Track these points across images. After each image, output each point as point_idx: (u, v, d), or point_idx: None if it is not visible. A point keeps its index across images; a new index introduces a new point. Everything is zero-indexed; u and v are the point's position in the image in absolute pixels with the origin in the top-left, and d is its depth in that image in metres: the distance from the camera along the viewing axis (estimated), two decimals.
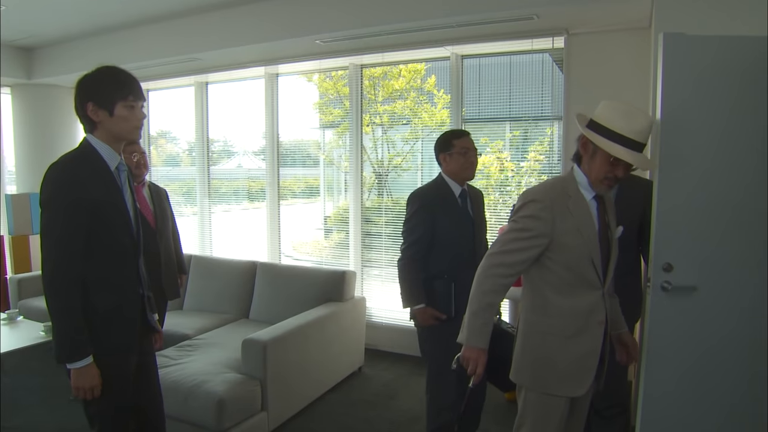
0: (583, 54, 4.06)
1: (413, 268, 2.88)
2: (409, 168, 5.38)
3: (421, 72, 5.27)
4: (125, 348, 2.12)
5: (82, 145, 2.07)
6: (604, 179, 1.95)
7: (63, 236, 1.94)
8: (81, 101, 2.03)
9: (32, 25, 5.38)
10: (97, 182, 2.01)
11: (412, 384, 4.30)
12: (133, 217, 2.16)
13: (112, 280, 2.08)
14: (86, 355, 1.96)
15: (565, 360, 1.98)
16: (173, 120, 6.65)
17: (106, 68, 2.07)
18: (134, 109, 2.06)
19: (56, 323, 1.95)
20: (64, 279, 1.93)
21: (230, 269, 4.95)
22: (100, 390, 2.01)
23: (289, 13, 4.53)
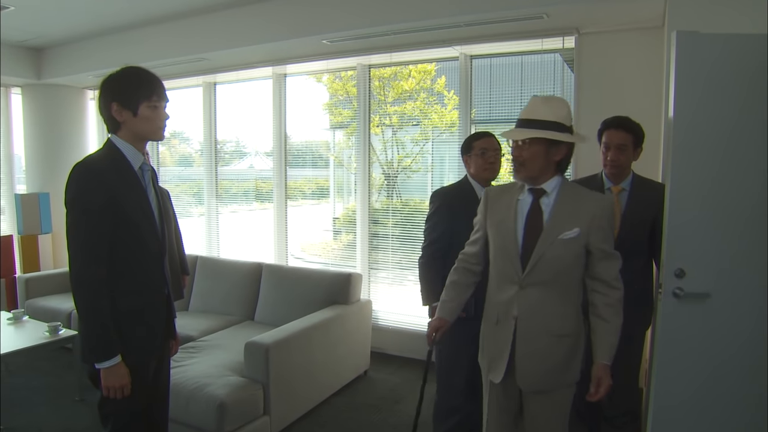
0: (594, 54, 3.98)
1: (433, 266, 2.85)
2: (419, 169, 5.33)
3: (431, 73, 5.22)
4: (148, 351, 2.13)
5: (107, 146, 2.08)
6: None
7: (89, 237, 1.95)
8: (105, 101, 2.04)
9: (41, 25, 5.39)
10: (121, 182, 2.02)
11: (418, 388, 4.22)
12: (158, 217, 2.16)
13: (138, 280, 2.08)
14: (114, 354, 1.98)
15: (490, 345, 2.17)
16: (186, 121, 6.63)
17: (131, 68, 2.08)
18: (158, 110, 2.08)
19: (84, 323, 1.97)
20: (91, 279, 1.94)
21: (236, 271, 4.92)
22: (131, 389, 2.02)
23: (295, 12, 4.50)
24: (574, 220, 1.97)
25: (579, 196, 2.03)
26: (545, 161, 1.98)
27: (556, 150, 1.97)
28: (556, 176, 2.03)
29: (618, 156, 2.69)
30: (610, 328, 1.99)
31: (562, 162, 2.02)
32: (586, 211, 1.97)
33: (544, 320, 2.02)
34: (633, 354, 2.78)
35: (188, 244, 5.95)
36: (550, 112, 1.95)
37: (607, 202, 2.03)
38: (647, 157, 3.00)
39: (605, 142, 2.73)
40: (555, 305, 2.01)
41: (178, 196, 6.70)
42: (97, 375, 2.00)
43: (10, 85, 6.49)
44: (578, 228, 1.96)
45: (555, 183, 2.02)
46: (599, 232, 1.97)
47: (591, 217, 1.96)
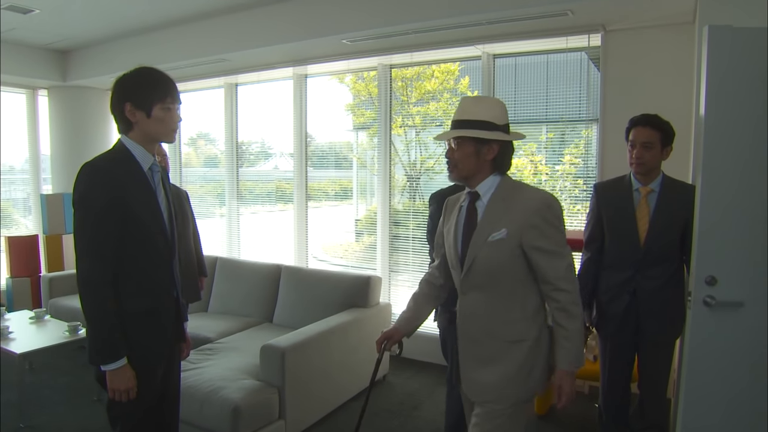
0: (621, 52, 3.86)
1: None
2: (442, 171, 5.25)
3: (454, 73, 5.15)
4: (156, 354, 2.11)
5: (116, 146, 2.07)
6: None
7: (95, 237, 1.93)
8: (119, 101, 2.02)
9: (66, 28, 5.47)
10: (130, 183, 2.00)
11: (437, 394, 4.16)
12: (167, 218, 2.14)
13: (145, 282, 2.06)
14: (120, 356, 1.96)
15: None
16: (211, 122, 6.66)
17: (145, 69, 2.07)
18: (171, 112, 2.06)
19: (90, 324, 1.96)
20: (97, 279, 1.92)
21: (255, 272, 4.90)
22: (136, 392, 2.00)
23: (315, 12, 4.46)
24: (503, 220, 1.90)
25: (514, 195, 1.94)
26: (477, 161, 1.94)
27: (488, 149, 1.92)
28: (491, 176, 1.97)
29: (643, 153, 2.58)
30: (566, 333, 1.86)
31: (497, 161, 1.95)
32: (517, 209, 1.89)
33: (486, 326, 1.95)
34: (661, 363, 2.67)
35: (210, 245, 6.00)
36: (479, 112, 1.93)
37: (540, 199, 1.90)
38: (678, 158, 2.89)
39: (631, 140, 2.63)
40: (498, 310, 1.93)
41: (202, 197, 6.74)
42: (104, 377, 1.98)
43: (37, 87, 6.61)
44: (505, 228, 1.89)
45: (490, 183, 1.97)
46: (532, 230, 1.86)
47: (522, 216, 1.88)
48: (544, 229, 1.86)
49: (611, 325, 2.71)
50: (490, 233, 1.90)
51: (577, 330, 1.86)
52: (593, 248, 2.80)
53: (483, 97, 2.06)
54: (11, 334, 3.98)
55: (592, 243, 2.80)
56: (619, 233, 2.68)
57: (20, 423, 3.60)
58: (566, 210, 4.39)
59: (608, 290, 2.71)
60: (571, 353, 1.85)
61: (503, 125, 1.95)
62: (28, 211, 6.98)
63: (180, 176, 6.62)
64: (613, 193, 2.73)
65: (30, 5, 4.72)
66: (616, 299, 2.67)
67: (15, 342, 3.85)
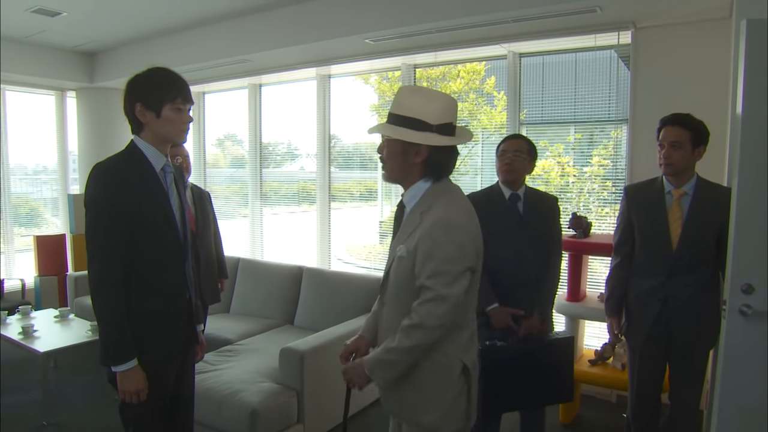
0: (652, 49, 3.72)
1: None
2: (467, 172, 5.17)
3: (480, 73, 5.07)
4: (167, 356, 2.09)
5: (128, 147, 2.06)
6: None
7: (106, 238, 1.92)
8: (130, 101, 2.02)
9: (93, 30, 5.54)
10: (141, 184, 1.99)
11: None
12: (179, 219, 2.12)
13: (157, 284, 2.04)
14: (131, 357, 1.94)
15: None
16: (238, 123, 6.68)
17: (157, 69, 2.06)
18: (181, 112, 2.03)
19: (101, 325, 1.95)
20: (108, 280, 1.91)
21: (276, 273, 4.87)
22: (146, 394, 1.99)
23: (336, 12, 4.43)
24: (410, 236, 1.73)
25: (431, 208, 1.72)
26: (403, 162, 1.75)
27: (415, 151, 1.72)
28: (420, 182, 1.78)
29: (671, 153, 2.46)
30: (391, 345, 1.71)
31: (427, 165, 1.75)
32: (422, 226, 1.70)
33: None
34: (693, 375, 2.55)
35: (234, 246, 6.02)
36: (411, 106, 1.71)
37: (434, 222, 1.68)
38: (713, 160, 2.77)
39: (660, 140, 2.53)
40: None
41: (228, 197, 6.76)
42: (115, 378, 1.97)
43: (66, 88, 6.73)
44: (405, 246, 1.73)
45: (416, 191, 1.78)
46: (419, 255, 1.68)
47: (419, 236, 1.69)
48: (430, 250, 1.66)
49: (641, 333, 2.60)
50: (397, 247, 1.77)
51: (398, 350, 1.69)
52: (623, 253, 2.69)
53: (422, 89, 1.83)
54: (36, 332, 4.03)
55: (622, 248, 2.70)
56: (650, 238, 2.57)
57: (43, 421, 3.63)
58: (594, 213, 4.27)
59: (638, 297, 2.60)
60: (376, 360, 1.75)
61: (439, 125, 1.70)
62: (58, 210, 7.11)
63: (204, 177, 6.66)
64: (644, 195, 2.62)
65: (58, 8, 4.79)
66: (646, 307, 2.56)
67: (39, 340, 3.90)
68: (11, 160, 6.59)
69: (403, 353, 1.70)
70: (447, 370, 1.77)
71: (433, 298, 1.65)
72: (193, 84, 6.11)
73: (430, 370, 1.75)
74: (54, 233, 6.48)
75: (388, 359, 1.72)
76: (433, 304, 1.65)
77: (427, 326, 1.66)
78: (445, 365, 1.77)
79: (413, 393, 1.78)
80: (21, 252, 6.73)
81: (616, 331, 2.74)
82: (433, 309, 1.65)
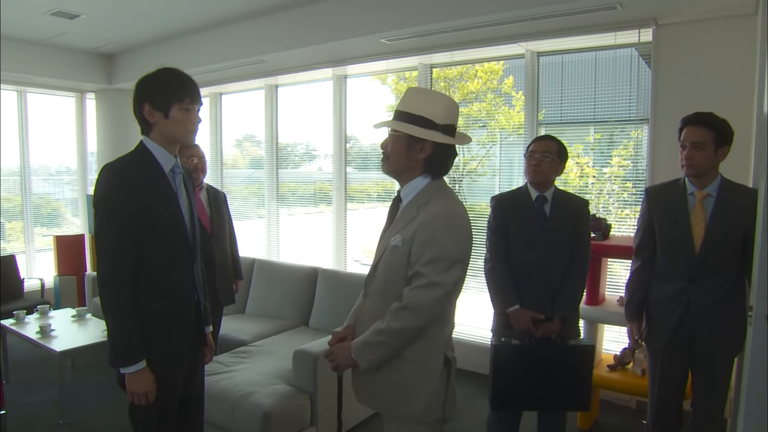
0: (674, 47, 3.63)
1: (502, 269, 2.74)
2: (485, 173, 5.11)
3: (498, 73, 5.01)
4: (175, 358, 2.08)
5: (137, 147, 2.05)
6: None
7: (115, 238, 1.91)
8: (138, 102, 2.02)
9: (111, 32, 5.60)
10: (149, 184, 1.98)
11: (477, 405, 4.02)
12: (189, 221, 2.11)
13: (164, 284, 2.03)
14: (139, 359, 1.94)
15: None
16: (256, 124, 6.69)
17: (165, 70, 2.05)
18: (189, 113, 2.03)
19: (110, 326, 1.94)
20: (117, 281, 1.90)
21: (292, 274, 4.85)
22: (155, 396, 1.98)
23: (350, 12, 4.40)
24: (407, 226, 1.79)
25: (429, 202, 1.79)
26: (407, 158, 1.81)
27: (420, 147, 1.79)
28: (420, 177, 1.84)
29: (693, 154, 2.38)
30: (380, 327, 1.76)
31: (430, 162, 1.82)
32: (419, 218, 1.77)
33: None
34: (717, 383, 2.46)
35: (251, 246, 6.03)
36: (419, 106, 1.79)
37: (436, 213, 1.75)
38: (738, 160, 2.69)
39: (681, 140, 2.44)
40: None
41: (245, 198, 6.77)
42: (124, 379, 1.96)
43: (85, 90, 6.80)
44: (401, 235, 1.79)
45: (415, 185, 1.85)
46: (416, 245, 1.74)
47: (418, 225, 1.76)
48: (424, 247, 1.72)
49: (662, 339, 2.52)
50: (392, 238, 1.82)
51: (386, 331, 1.74)
52: (643, 256, 2.62)
53: (429, 91, 1.94)
54: (53, 331, 4.07)
55: (643, 251, 2.62)
56: (671, 240, 2.49)
57: (60, 419, 3.66)
58: (614, 215, 4.18)
59: (659, 302, 2.53)
60: (363, 342, 1.79)
61: (444, 125, 1.79)
62: (78, 211, 7.19)
63: (221, 178, 6.68)
64: (665, 197, 2.55)
65: (76, 10, 4.84)
66: (668, 312, 2.48)
67: (56, 340, 3.94)
68: (35, 161, 6.71)
69: (392, 335, 1.74)
70: (431, 361, 1.82)
71: (426, 285, 1.71)
72: (211, 85, 6.15)
73: (414, 360, 1.79)
74: (73, 233, 6.55)
75: (377, 340, 1.76)
76: (424, 289, 1.71)
77: (417, 310, 1.71)
78: (429, 356, 1.81)
79: (397, 383, 1.81)
80: (42, 251, 6.83)
81: (636, 337, 2.67)
82: (424, 294, 1.71)
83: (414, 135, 1.77)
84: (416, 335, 1.77)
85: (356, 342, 1.82)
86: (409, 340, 1.77)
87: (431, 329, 1.79)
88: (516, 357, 2.60)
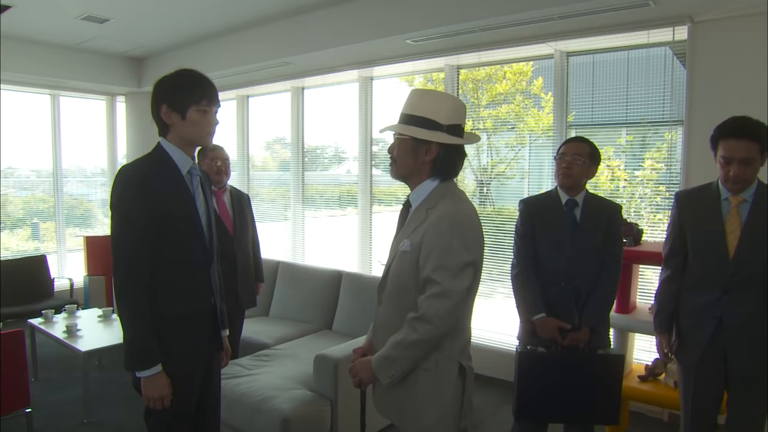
0: (710, 45, 3.48)
1: (528, 275, 2.67)
2: (514, 176, 5.02)
3: (527, 74, 4.91)
4: (190, 362, 2.06)
5: (155, 149, 2.04)
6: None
7: (132, 241, 1.90)
8: (156, 103, 2.01)
9: (140, 36, 5.68)
10: (166, 187, 1.97)
11: (501, 413, 3.92)
12: (205, 223, 2.09)
13: (181, 287, 2.01)
14: (155, 363, 1.92)
15: None
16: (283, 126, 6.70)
17: (184, 71, 2.04)
18: (207, 114, 2.01)
19: (126, 329, 1.92)
20: (133, 284, 1.89)
21: (315, 278, 4.83)
22: (170, 401, 1.96)
23: (375, 12, 4.36)
24: (415, 231, 1.75)
25: (437, 205, 1.75)
26: (413, 160, 1.78)
27: (426, 149, 1.76)
28: (428, 180, 1.80)
29: (744, 172, 2.21)
30: (398, 338, 1.71)
31: (436, 164, 1.78)
32: (429, 221, 1.72)
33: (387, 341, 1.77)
34: (754, 401, 2.31)
35: (276, 249, 6.03)
36: (422, 106, 1.76)
37: (442, 215, 1.70)
38: None
39: (724, 156, 2.24)
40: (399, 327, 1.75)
41: (273, 200, 6.78)
42: (140, 383, 1.94)
43: (115, 93, 6.91)
44: (409, 240, 1.75)
45: (423, 189, 1.81)
46: (424, 249, 1.70)
47: (425, 229, 1.72)
48: (435, 250, 1.68)
49: (694, 354, 2.37)
50: (401, 242, 1.79)
51: (404, 343, 1.69)
52: (674, 265, 2.48)
53: (432, 91, 1.88)
54: (79, 331, 4.12)
55: (673, 259, 2.48)
56: (704, 248, 2.35)
57: (84, 418, 3.70)
58: (646, 219, 4.04)
59: (691, 314, 2.39)
60: (383, 357, 1.73)
61: (449, 125, 1.76)
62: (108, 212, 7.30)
63: (248, 180, 6.70)
64: (697, 202, 2.40)
65: (106, 15, 4.91)
66: (700, 325, 2.34)
67: (82, 339, 3.99)
68: (72, 163, 6.86)
69: (410, 347, 1.69)
70: (446, 371, 1.76)
71: (439, 294, 1.66)
72: (238, 87, 6.18)
73: (427, 369, 1.74)
74: (103, 234, 6.65)
75: (396, 355, 1.71)
76: (438, 300, 1.66)
77: (433, 320, 1.66)
78: (444, 366, 1.76)
79: (411, 394, 1.76)
80: (73, 252, 6.95)
81: (666, 350, 2.53)
82: (439, 303, 1.66)
83: (417, 137, 1.73)
84: (435, 345, 1.72)
85: (376, 357, 1.77)
86: (428, 351, 1.72)
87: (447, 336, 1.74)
88: (541, 366, 2.52)
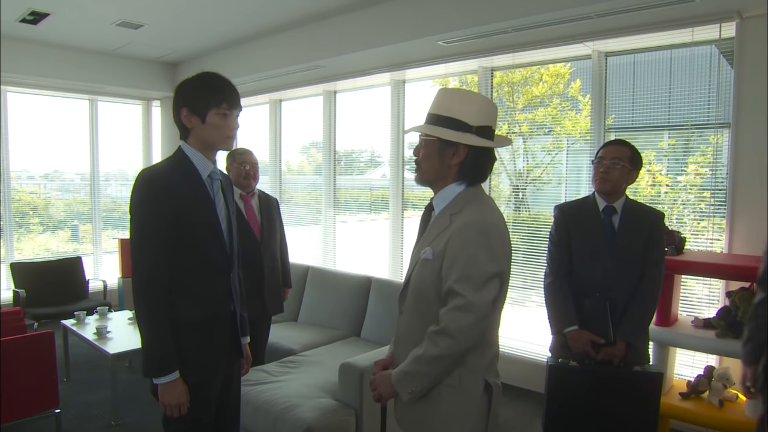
0: (761, 43, 3.28)
1: (561, 286, 2.56)
2: (550, 181, 4.86)
3: (564, 76, 4.76)
4: (209, 369, 2.02)
5: (175, 153, 2.02)
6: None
7: (151, 246, 1.87)
8: (177, 106, 1.98)
9: (173, 41, 5.77)
10: (186, 192, 1.94)
11: (532, 426, 3.78)
12: (226, 228, 2.05)
13: (200, 293, 1.98)
14: (173, 369, 1.89)
15: None
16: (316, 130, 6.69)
17: (205, 74, 2.01)
18: (227, 118, 1.97)
19: (144, 335, 1.89)
20: (152, 289, 1.86)
21: (345, 283, 4.76)
22: (188, 408, 1.93)
23: (405, 14, 4.29)
24: (437, 237, 1.65)
25: (462, 211, 1.64)
26: (440, 163, 1.68)
27: (453, 152, 1.66)
28: (453, 184, 1.70)
29: None
30: (419, 352, 1.60)
31: (464, 168, 1.67)
32: (453, 228, 1.62)
33: (408, 354, 1.65)
34: None
35: (307, 253, 6.00)
36: (450, 107, 1.66)
37: (467, 223, 1.59)
38: None
39: None
40: (421, 339, 1.63)
41: (308, 204, 6.76)
42: (157, 390, 1.91)
43: (151, 98, 7.03)
44: (431, 248, 1.65)
45: (448, 193, 1.70)
46: (447, 258, 1.59)
47: (449, 236, 1.61)
48: (459, 260, 1.57)
49: None
50: (422, 250, 1.68)
51: (425, 358, 1.58)
52: None
53: (461, 91, 1.76)
54: (109, 333, 4.15)
55: None
56: None
57: (112, 420, 3.71)
58: (689, 227, 3.84)
59: None
60: (402, 372, 1.63)
61: (479, 127, 1.65)
62: None
63: (280, 184, 6.70)
64: None
65: (140, 20, 4.98)
66: None
67: (111, 342, 4.02)
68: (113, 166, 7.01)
69: (431, 362, 1.59)
70: (470, 388, 1.65)
71: (462, 307, 1.54)
72: (270, 91, 6.19)
73: (451, 385, 1.64)
74: None
75: (416, 370, 1.61)
76: (461, 313, 1.55)
77: (454, 334, 1.55)
78: (468, 382, 1.65)
79: (432, 410, 1.66)
80: (110, 254, 7.07)
81: (749, 384, 2.14)
82: (461, 316, 1.54)
83: (444, 138, 1.64)
84: (457, 361, 1.61)
85: (396, 371, 1.67)
86: (450, 366, 1.61)
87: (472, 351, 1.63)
88: (573, 380, 2.40)
